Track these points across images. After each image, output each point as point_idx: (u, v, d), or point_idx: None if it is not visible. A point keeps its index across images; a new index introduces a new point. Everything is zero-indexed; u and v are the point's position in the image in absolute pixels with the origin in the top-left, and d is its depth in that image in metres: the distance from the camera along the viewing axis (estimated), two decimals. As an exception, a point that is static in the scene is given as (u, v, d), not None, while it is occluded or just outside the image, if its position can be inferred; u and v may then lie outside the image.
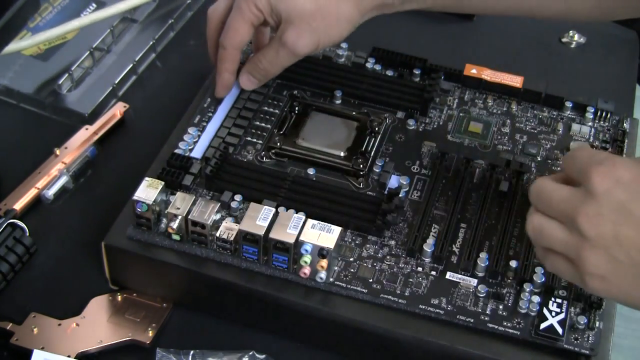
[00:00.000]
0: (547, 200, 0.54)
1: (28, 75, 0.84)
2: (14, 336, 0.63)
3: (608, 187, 0.50)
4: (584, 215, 0.51)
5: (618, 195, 0.50)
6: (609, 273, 0.51)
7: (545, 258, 0.55)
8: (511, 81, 0.77)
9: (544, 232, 0.54)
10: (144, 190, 0.64)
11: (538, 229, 0.54)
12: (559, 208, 0.53)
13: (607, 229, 0.50)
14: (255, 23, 0.70)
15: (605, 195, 0.50)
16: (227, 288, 0.64)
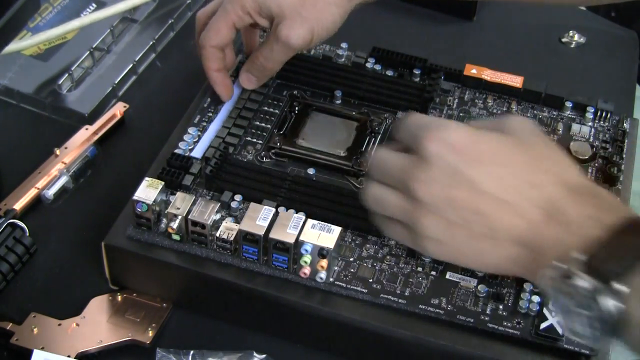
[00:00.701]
0: (383, 168, 0.55)
1: (28, 75, 0.84)
2: (14, 336, 0.63)
3: (438, 150, 0.51)
4: (417, 180, 0.51)
5: (449, 158, 0.51)
6: (443, 235, 0.52)
7: (385, 226, 0.56)
8: (511, 81, 0.77)
9: (382, 201, 0.55)
10: (144, 190, 0.64)
11: (376, 198, 0.55)
12: (394, 175, 0.54)
13: (440, 192, 0.51)
14: (238, 25, 0.70)
15: (436, 159, 0.51)
16: (227, 288, 0.64)
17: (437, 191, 0.51)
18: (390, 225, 0.56)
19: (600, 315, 0.45)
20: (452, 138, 0.51)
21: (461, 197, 0.50)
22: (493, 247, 0.51)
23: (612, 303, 0.45)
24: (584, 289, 0.46)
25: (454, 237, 0.52)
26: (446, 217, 0.51)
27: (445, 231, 0.52)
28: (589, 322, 0.46)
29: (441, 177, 0.51)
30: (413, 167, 0.52)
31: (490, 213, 0.50)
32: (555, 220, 0.49)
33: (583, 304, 0.46)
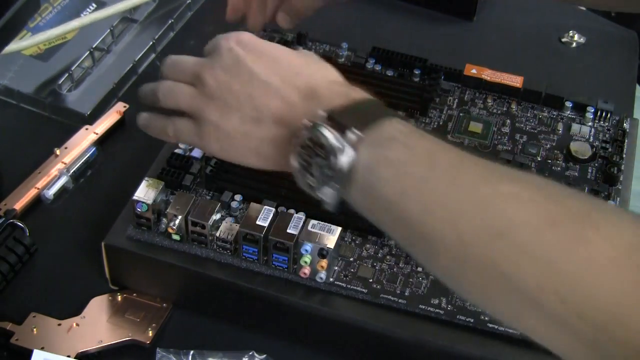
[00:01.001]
0: (180, 67, 0.60)
1: (28, 75, 0.84)
2: (14, 336, 0.63)
3: (230, 46, 0.57)
4: (208, 68, 0.57)
5: (237, 51, 0.57)
6: (221, 119, 0.57)
7: (168, 123, 0.60)
8: (511, 81, 0.77)
9: (174, 92, 0.59)
10: (144, 190, 0.64)
11: (168, 90, 0.60)
12: (189, 70, 0.59)
13: (223, 78, 0.57)
14: None
15: (226, 51, 0.57)
16: (227, 288, 0.64)
17: (221, 77, 0.57)
18: (175, 120, 0.60)
19: (335, 165, 0.50)
20: (243, 37, 0.58)
21: (239, 83, 0.56)
22: (257, 129, 0.56)
23: (348, 151, 0.50)
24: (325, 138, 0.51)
25: (229, 120, 0.57)
26: (225, 100, 0.57)
27: (222, 115, 0.57)
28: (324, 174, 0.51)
29: (227, 67, 0.57)
30: (207, 61, 0.59)
31: (259, 96, 0.56)
32: (310, 98, 0.55)
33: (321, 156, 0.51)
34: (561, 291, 0.42)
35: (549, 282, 0.42)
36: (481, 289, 0.46)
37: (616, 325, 0.40)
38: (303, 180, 0.54)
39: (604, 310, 0.41)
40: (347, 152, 0.50)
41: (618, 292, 0.41)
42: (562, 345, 0.44)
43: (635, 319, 0.40)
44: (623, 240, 0.42)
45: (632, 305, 0.40)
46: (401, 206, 0.48)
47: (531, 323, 0.45)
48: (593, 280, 0.41)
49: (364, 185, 0.50)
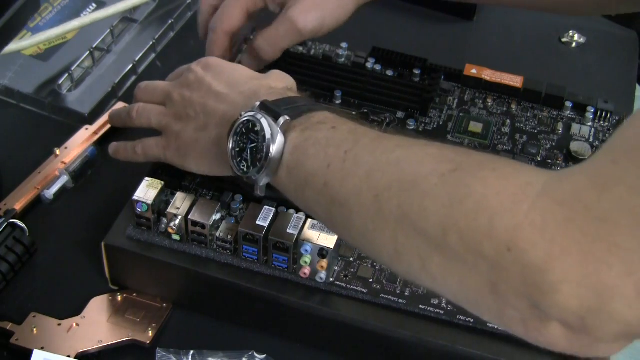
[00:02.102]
0: (152, 89, 0.66)
1: (28, 75, 0.84)
2: (14, 336, 0.63)
3: (196, 68, 0.63)
4: (177, 88, 0.63)
5: (200, 72, 0.63)
6: (180, 128, 0.62)
7: (137, 143, 0.66)
8: (511, 81, 0.77)
9: (145, 111, 0.65)
10: (144, 190, 0.64)
11: (141, 110, 0.65)
12: (160, 92, 0.65)
13: (188, 94, 0.62)
14: (251, 10, 0.71)
15: (193, 73, 0.63)
16: (227, 288, 0.64)
17: (186, 94, 0.62)
18: (144, 140, 0.65)
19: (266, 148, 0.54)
20: (208, 61, 0.64)
21: (198, 96, 0.62)
22: (205, 133, 0.61)
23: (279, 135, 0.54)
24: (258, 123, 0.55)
25: (187, 130, 0.62)
26: (187, 113, 0.62)
27: (182, 126, 0.62)
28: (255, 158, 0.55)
29: (191, 84, 0.63)
30: (176, 82, 0.65)
31: (211, 105, 0.61)
32: (250, 98, 0.59)
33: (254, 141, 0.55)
34: (461, 229, 0.44)
35: (450, 221, 0.44)
36: (391, 242, 0.48)
37: (510, 255, 0.42)
38: (236, 165, 0.57)
39: (499, 241, 0.42)
40: (278, 136, 0.54)
41: (511, 223, 0.42)
42: (462, 286, 0.46)
43: (528, 248, 0.41)
44: (518, 180, 0.44)
45: (527, 238, 0.41)
46: (325, 178, 0.52)
47: (435, 269, 0.46)
48: (488, 214, 0.43)
49: (291, 163, 0.54)
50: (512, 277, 0.42)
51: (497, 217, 0.43)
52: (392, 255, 0.49)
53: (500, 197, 0.43)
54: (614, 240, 0.39)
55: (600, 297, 0.40)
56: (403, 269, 0.50)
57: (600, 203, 0.40)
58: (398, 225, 0.47)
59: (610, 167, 0.42)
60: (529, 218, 0.42)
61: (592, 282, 0.40)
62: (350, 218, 0.50)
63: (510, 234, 0.42)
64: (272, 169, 0.55)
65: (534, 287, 0.41)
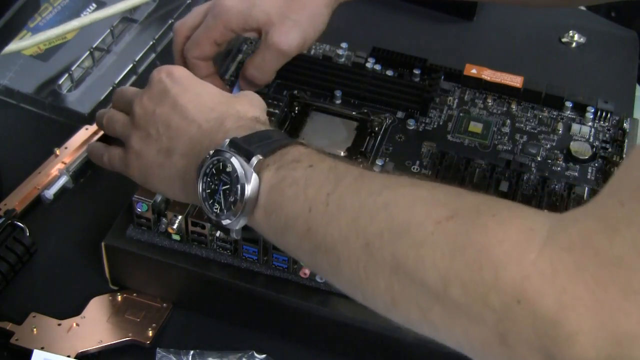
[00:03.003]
0: (122, 96, 0.63)
1: (28, 75, 0.84)
2: (14, 336, 0.63)
3: (160, 77, 0.60)
4: (139, 99, 0.60)
5: (166, 82, 0.59)
6: (141, 147, 0.59)
7: (104, 152, 0.64)
8: (511, 81, 0.77)
9: (111, 120, 0.63)
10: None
11: (108, 118, 0.63)
12: (127, 99, 0.62)
13: (149, 107, 0.59)
14: (220, 41, 0.69)
15: (157, 83, 0.60)
16: (227, 288, 0.64)
17: (148, 106, 0.59)
18: (111, 150, 0.64)
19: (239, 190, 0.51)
20: (174, 70, 0.60)
21: (161, 113, 0.58)
22: (169, 161, 0.58)
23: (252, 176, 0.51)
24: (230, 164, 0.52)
25: (148, 150, 0.59)
26: (148, 130, 0.59)
27: (143, 145, 0.59)
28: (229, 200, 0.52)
29: (154, 96, 0.59)
30: (141, 91, 0.61)
31: (175, 127, 0.58)
32: (217, 132, 0.56)
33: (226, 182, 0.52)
34: (464, 280, 0.42)
35: (452, 273, 0.42)
36: (387, 292, 0.46)
37: (520, 307, 0.40)
38: (208, 208, 0.54)
39: (506, 293, 0.41)
40: (252, 176, 0.51)
41: (519, 274, 0.40)
42: (467, 337, 0.44)
43: (539, 299, 0.40)
44: (521, 226, 0.42)
45: (536, 288, 0.40)
46: (308, 222, 0.49)
47: (437, 319, 0.45)
48: (493, 265, 0.41)
49: (269, 206, 0.51)
50: (523, 329, 0.40)
51: (502, 268, 0.41)
52: (389, 304, 0.47)
53: (504, 247, 0.42)
54: (629, 285, 0.38)
55: (619, 345, 0.38)
56: (402, 318, 0.48)
57: (611, 247, 0.39)
58: (393, 275, 0.45)
59: (618, 209, 0.40)
60: (537, 267, 0.40)
61: (610, 330, 0.38)
62: (339, 266, 0.48)
63: (518, 286, 0.40)
64: (248, 212, 0.52)
65: (547, 339, 0.39)
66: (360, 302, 0.50)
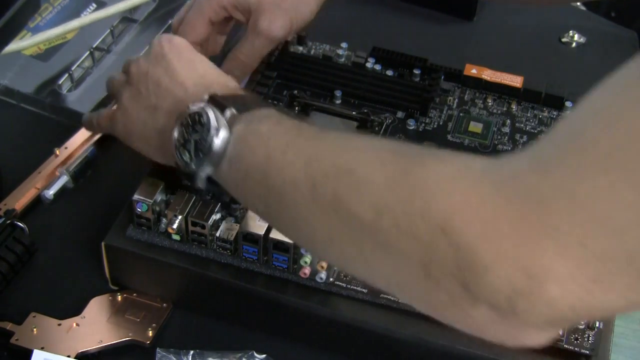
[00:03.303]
0: (127, 63, 0.65)
1: (28, 75, 0.84)
2: (14, 336, 0.63)
3: (160, 42, 0.62)
4: (137, 59, 0.63)
5: (164, 47, 0.62)
6: (130, 103, 0.62)
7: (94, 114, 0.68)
8: (511, 81, 0.77)
9: (110, 80, 0.66)
10: (144, 190, 0.64)
11: (111, 77, 0.66)
12: (128, 63, 0.64)
13: (145, 68, 0.61)
14: (214, 20, 0.71)
15: (155, 47, 0.62)
16: (227, 288, 0.64)
17: (143, 66, 0.62)
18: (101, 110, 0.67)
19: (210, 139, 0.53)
20: (175, 39, 0.63)
21: (154, 73, 0.61)
22: (153, 118, 0.60)
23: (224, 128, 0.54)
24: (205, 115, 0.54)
25: (135, 106, 0.61)
26: (139, 88, 0.61)
27: (132, 101, 0.62)
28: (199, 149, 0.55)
29: (151, 58, 0.62)
30: (140, 55, 0.64)
31: (164, 87, 0.60)
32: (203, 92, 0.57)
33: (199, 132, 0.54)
34: (396, 211, 0.43)
35: (385, 204, 0.44)
36: (325, 229, 0.48)
37: (445, 237, 0.41)
38: (179, 156, 0.56)
39: (433, 222, 0.42)
40: (222, 128, 0.54)
41: (448, 204, 0.41)
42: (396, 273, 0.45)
43: (463, 228, 0.40)
44: (458, 163, 0.43)
45: (462, 218, 0.41)
46: (264, 169, 0.51)
47: (369, 255, 0.46)
48: (425, 195, 0.42)
49: (233, 156, 0.54)
50: (446, 259, 0.41)
51: (433, 199, 0.42)
52: (326, 241, 0.48)
53: (438, 180, 0.43)
54: (551, 223, 0.39)
55: (531, 278, 0.39)
56: (336, 256, 0.49)
57: (539, 186, 0.40)
58: (332, 212, 0.47)
59: (553, 151, 0.41)
60: (465, 199, 0.41)
61: (525, 263, 0.39)
62: (286, 207, 0.50)
63: (445, 215, 0.41)
64: (214, 162, 0.54)
65: (466, 268, 0.41)
66: (301, 244, 0.54)
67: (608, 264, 0.38)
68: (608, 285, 0.38)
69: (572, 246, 0.38)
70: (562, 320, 0.41)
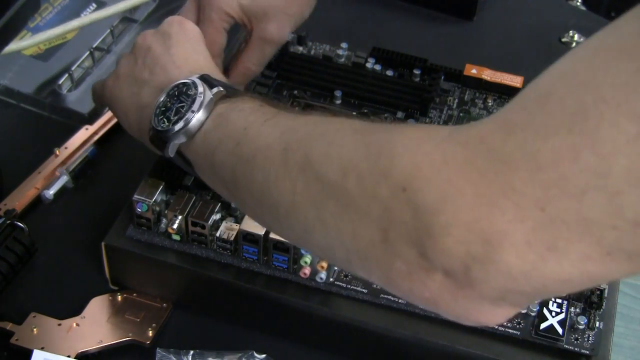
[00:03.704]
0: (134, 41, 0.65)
1: (28, 75, 0.84)
2: (14, 336, 0.63)
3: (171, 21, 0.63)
4: (144, 32, 0.63)
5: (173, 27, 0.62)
6: (124, 71, 0.62)
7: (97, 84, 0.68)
8: (511, 81, 0.77)
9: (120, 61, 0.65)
10: (144, 190, 0.64)
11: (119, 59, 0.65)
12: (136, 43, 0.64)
13: (148, 42, 0.62)
14: (228, 28, 0.70)
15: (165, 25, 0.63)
16: (227, 288, 0.64)
17: (147, 40, 0.62)
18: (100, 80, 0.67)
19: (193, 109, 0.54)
20: (187, 23, 0.63)
21: (155, 49, 0.61)
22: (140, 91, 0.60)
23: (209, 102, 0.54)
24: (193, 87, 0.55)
25: (128, 74, 0.62)
26: (136, 58, 0.62)
27: (127, 68, 0.62)
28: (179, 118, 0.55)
29: (158, 34, 0.62)
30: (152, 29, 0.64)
31: (162, 66, 0.60)
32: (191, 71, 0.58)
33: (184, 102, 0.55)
34: (361, 169, 0.43)
35: (352, 164, 0.44)
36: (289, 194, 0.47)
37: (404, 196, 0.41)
38: (156, 121, 0.57)
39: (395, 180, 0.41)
40: (207, 102, 0.54)
41: (411, 163, 0.41)
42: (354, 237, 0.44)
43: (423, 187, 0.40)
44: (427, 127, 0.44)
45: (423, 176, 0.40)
46: (239, 138, 0.51)
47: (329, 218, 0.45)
48: (390, 155, 0.42)
49: (210, 127, 0.54)
50: (404, 220, 0.41)
51: (397, 158, 0.42)
52: (289, 207, 0.48)
53: (404, 141, 0.43)
54: (511, 184, 0.38)
55: (488, 244, 0.38)
56: (297, 223, 0.48)
57: (503, 146, 0.39)
58: (299, 174, 0.46)
59: (519, 113, 0.41)
60: (428, 158, 0.41)
61: (482, 226, 0.38)
62: (253, 173, 0.50)
63: (407, 174, 0.41)
64: (190, 133, 0.54)
65: (423, 230, 0.40)
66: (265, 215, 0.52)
67: (564, 229, 0.37)
68: (562, 253, 0.38)
69: (530, 209, 0.38)
70: (516, 293, 0.40)
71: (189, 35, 0.62)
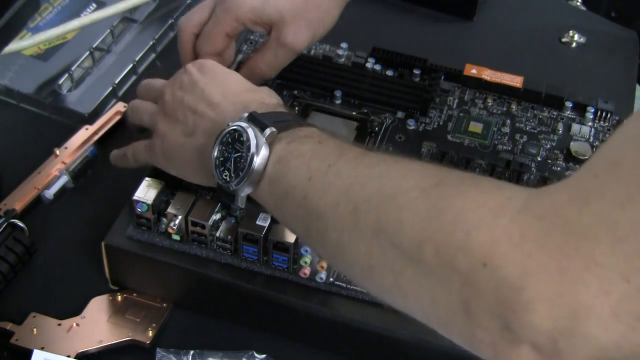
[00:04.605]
0: (149, 87, 0.67)
1: (28, 75, 0.84)
2: (14, 336, 0.63)
3: (191, 69, 0.63)
4: (170, 89, 0.63)
5: (195, 74, 0.62)
6: (167, 130, 0.62)
7: (128, 147, 0.67)
8: (511, 81, 0.77)
9: (138, 109, 0.66)
10: (144, 190, 0.64)
11: (134, 107, 0.66)
12: (156, 90, 0.65)
13: (179, 96, 0.62)
14: (232, 34, 0.69)
15: (188, 75, 0.63)
16: (227, 288, 0.64)
17: (177, 94, 0.62)
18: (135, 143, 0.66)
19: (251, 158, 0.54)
20: (205, 63, 0.64)
21: (189, 100, 0.61)
22: (191, 140, 0.60)
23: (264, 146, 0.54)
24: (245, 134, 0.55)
25: (173, 133, 0.62)
26: (175, 115, 0.62)
27: (169, 128, 0.62)
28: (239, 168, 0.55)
29: (184, 85, 0.62)
30: (170, 81, 0.65)
31: (200, 111, 0.61)
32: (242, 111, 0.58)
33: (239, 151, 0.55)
34: (437, 242, 0.43)
35: (427, 234, 0.44)
36: (365, 256, 0.47)
37: (485, 271, 0.41)
38: (218, 175, 0.57)
39: (474, 255, 0.41)
40: (262, 147, 0.54)
41: (489, 237, 0.41)
42: (434, 304, 0.44)
43: (504, 263, 0.40)
44: (499, 195, 0.43)
45: (503, 253, 0.40)
46: (305, 190, 0.51)
47: (407, 284, 0.45)
48: (466, 227, 0.42)
49: (273, 175, 0.54)
50: (485, 294, 0.41)
51: (474, 231, 0.42)
52: (365, 269, 0.48)
53: (480, 211, 0.42)
54: (592, 257, 0.38)
55: (574, 317, 0.38)
56: (375, 285, 0.49)
57: (580, 218, 0.39)
58: (374, 239, 0.46)
59: (591, 181, 0.41)
60: (506, 233, 0.41)
61: (567, 301, 0.38)
62: (326, 231, 0.50)
63: (486, 249, 0.41)
64: (254, 181, 0.55)
65: (506, 305, 0.40)
66: (340, 270, 0.55)
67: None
68: None
69: (615, 282, 0.38)
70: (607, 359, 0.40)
71: (213, 72, 0.63)
